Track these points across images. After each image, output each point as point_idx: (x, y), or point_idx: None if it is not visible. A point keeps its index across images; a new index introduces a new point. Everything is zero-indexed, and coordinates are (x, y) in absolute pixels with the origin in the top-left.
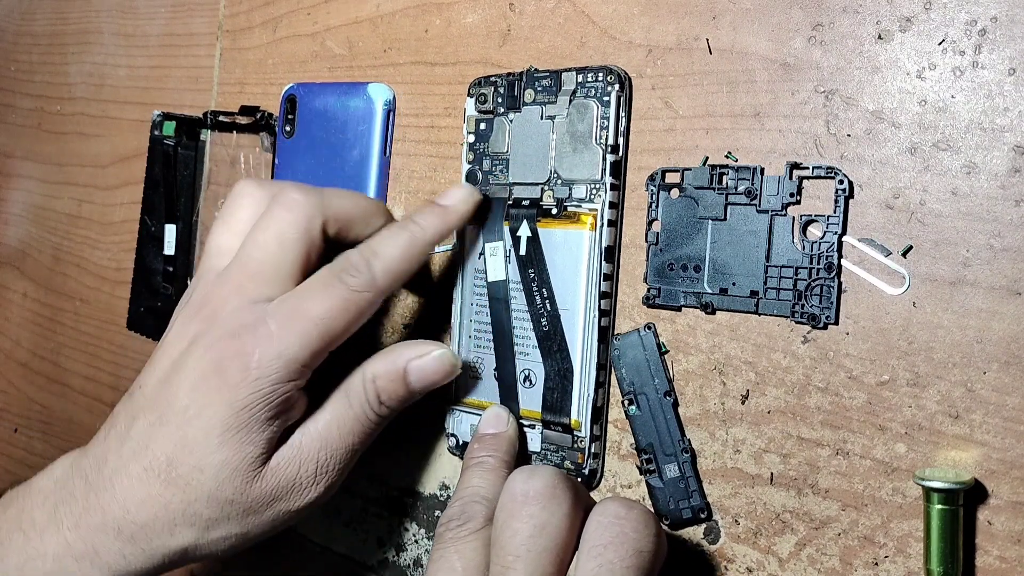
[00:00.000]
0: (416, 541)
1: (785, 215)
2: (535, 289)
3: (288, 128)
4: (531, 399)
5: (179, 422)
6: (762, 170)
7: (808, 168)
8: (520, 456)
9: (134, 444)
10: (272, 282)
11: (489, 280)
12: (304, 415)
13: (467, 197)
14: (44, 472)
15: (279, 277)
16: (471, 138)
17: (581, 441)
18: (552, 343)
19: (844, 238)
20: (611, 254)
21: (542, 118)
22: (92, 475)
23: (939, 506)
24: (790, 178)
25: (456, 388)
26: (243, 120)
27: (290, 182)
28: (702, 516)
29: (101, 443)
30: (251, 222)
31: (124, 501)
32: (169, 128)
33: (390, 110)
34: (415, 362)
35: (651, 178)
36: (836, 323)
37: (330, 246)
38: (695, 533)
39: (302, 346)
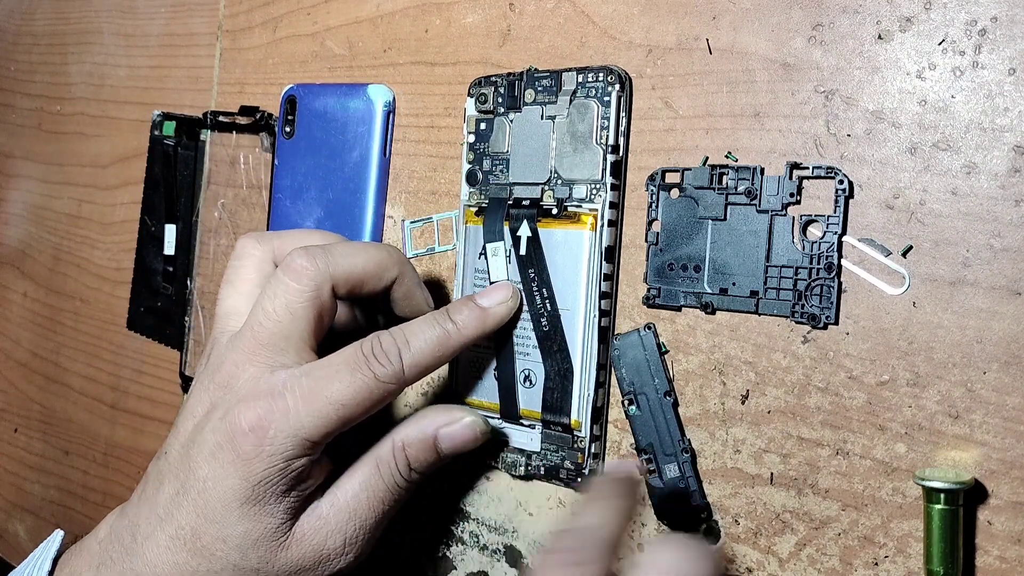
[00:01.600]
0: (413, 541)
1: (785, 215)
2: (535, 289)
3: (288, 129)
4: (531, 399)
5: (199, 491)
6: (762, 170)
7: (808, 168)
8: (519, 455)
9: (161, 511)
10: (286, 350)
11: (490, 280)
12: (328, 479)
13: (507, 299)
14: (93, 532)
15: (292, 345)
16: (471, 138)
17: (581, 441)
18: (552, 343)
19: (844, 238)
20: (611, 254)
21: (542, 118)
22: (127, 539)
23: (939, 506)
24: (790, 178)
25: (456, 388)
26: (243, 120)
27: (295, 237)
28: (702, 516)
29: (135, 506)
30: (257, 282)
31: (155, 568)
32: (169, 128)
33: (390, 111)
34: (445, 429)
35: (651, 178)
36: (836, 323)
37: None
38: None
39: (317, 427)
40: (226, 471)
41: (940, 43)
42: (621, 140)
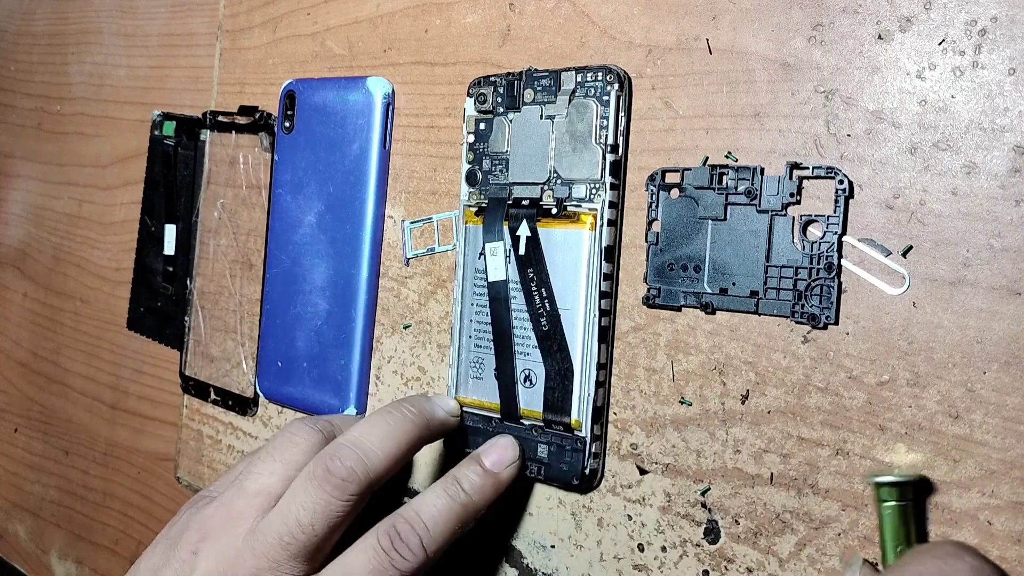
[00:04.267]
0: None
1: (785, 215)
2: (535, 289)
3: (287, 124)
4: (531, 399)
5: None
6: (762, 170)
7: (808, 168)
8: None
9: None
10: (313, 560)
11: (489, 280)
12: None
13: (515, 460)
14: None
15: (321, 554)
16: (471, 138)
17: (581, 441)
18: (552, 343)
19: (844, 238)
20: (611, 254)
21: (542, 118)
22: None
23: (890, 502)
24: (790, 178)
25: (456, 388)
26: (242, 120)
27: (341, 434)
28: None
29: None
30: (300, 466)
31: None
32: (169, 128)
33: (389, 103)
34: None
35: (651, 178)
36: (836, 323)
37: None
38: (695, 533)
39: None
40: None
41: (940, 43)
42: (620, 140)
